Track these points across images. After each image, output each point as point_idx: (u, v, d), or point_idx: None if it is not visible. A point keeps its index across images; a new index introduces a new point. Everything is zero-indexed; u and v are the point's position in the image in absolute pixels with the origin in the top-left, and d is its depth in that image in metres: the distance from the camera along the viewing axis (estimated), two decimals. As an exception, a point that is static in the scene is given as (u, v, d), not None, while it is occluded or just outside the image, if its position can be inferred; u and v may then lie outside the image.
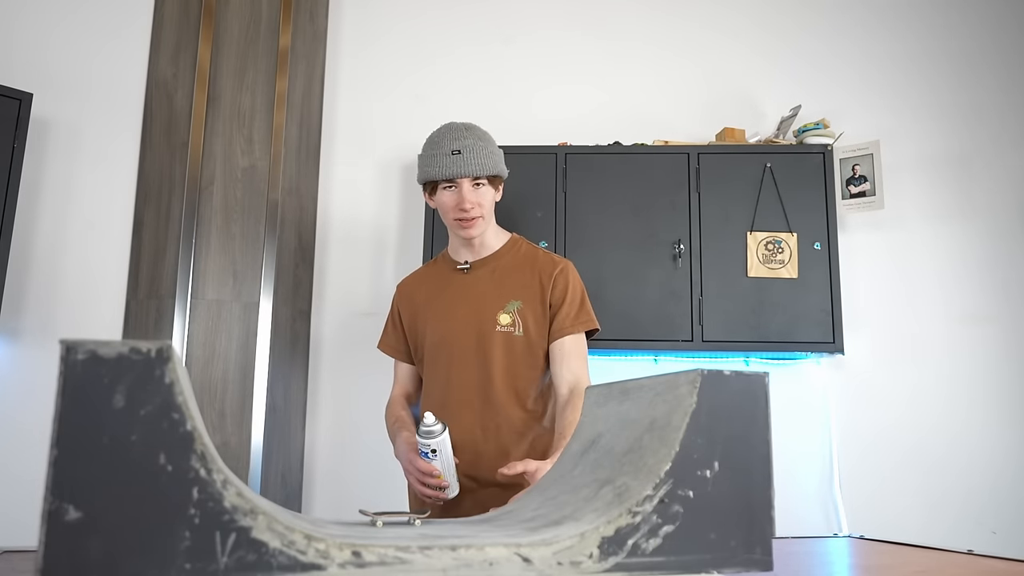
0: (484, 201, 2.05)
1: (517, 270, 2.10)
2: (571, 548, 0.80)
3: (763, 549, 0.82)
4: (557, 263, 2.09)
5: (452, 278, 2.14)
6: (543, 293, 2.04)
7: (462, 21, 3.73)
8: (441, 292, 2.13)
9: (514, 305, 2.03)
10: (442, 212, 2.09)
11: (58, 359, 0.63)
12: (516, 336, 2.01)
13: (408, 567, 0.74)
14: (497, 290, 2.06)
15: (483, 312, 2.04)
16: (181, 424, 0.66)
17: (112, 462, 0.63)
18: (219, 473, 0.68)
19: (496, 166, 2.06)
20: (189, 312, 3.23)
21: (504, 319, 2.01)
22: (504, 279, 2.08)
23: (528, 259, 2.12)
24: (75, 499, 0.62)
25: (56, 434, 0.61)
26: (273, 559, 0.69)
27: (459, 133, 2.03)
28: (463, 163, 1.99)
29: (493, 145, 2.08)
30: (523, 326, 2.01)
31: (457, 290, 2.11)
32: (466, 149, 1.99)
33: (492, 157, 2.05)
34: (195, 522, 0.66)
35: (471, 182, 2.01)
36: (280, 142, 3.39)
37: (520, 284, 2.07)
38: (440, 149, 2.02)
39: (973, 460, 3.36)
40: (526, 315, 2.02)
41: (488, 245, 2.14)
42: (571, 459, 1.00)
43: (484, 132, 2.09)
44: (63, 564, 0.61)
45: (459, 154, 1.99)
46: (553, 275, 2.05)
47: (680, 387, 0.84)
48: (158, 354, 0.66)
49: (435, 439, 1.82)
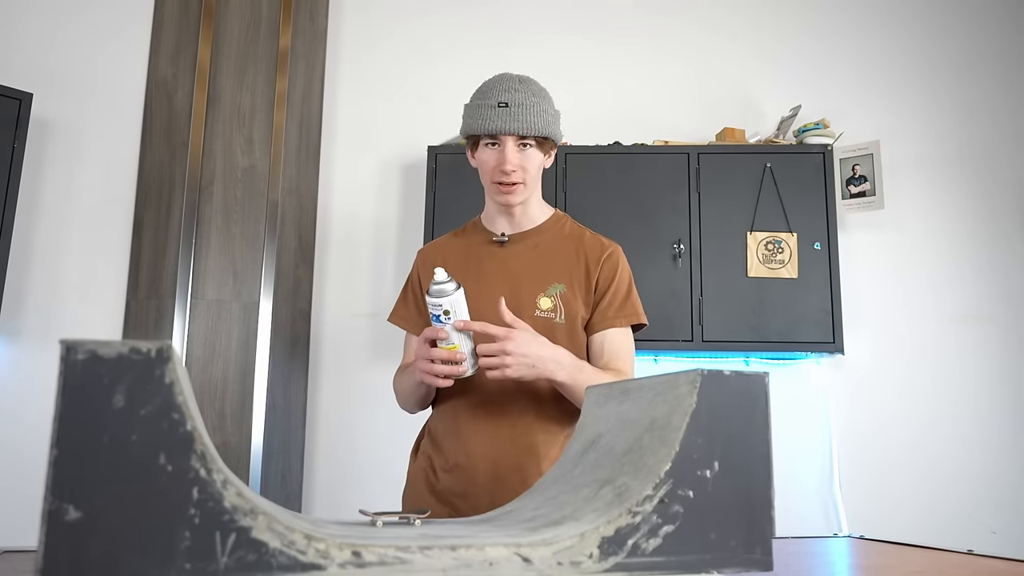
0: (529, 165, 1.77)
1: (561, 249, 1.84)
2: (571, 548, 0.80)
3: (763, 549, 0.82)
4: (606, 246, 1.85)
5: (486, 250, 1.86)
6: (588, 278, 1.80)
7: (463, 22, 3.73)
8: (472, 265, 1.85)
9: (557, 288, 1.78)
10: (481, 172, 1.83)
11: (58, 359, 0.63)
12: (557, 324, 1.76)
13: (408, 567, 0.74)
14: (538, 270, 1.81)
15: (521, 293, 1.78)
16: (181, 424, 0.66)
17: (112, 462, 0.63)
18: (219, 473, 0.68)
19: (548, 127, 1.77)
20: (189, 312, 3.24)
21: (545, 303, 1.77)
22: (546, 257, 1.83)
23: (574, 238, 1.87)
24: (75, 499, 0.62)
25: (56, 434, 0.61)
26: (273, 559, 0.69)
27: (511, 84, 1.77)
28: (509, 118, 1.72)
29: (549, 103, 1.80)
30: (565, 313, 1.77)
31: (492, 265, 1.84)
32: (515, 103, 1.73)
33: (544, 116, 1.77)
34: (195, 522, 0.66)
35: (516, 141, 1.74)
36: (280, 142, 3.40)
37: (564, 265, 1.81)
38: (487, 100, 1.75)
39: (973, 460, 3.36)
40: (569, 301, 1.78)
41: (531, 217, 1.88)
42: (571, 459, 1.00)
43: (541, 88, 1.81)
44: (63, 564, 0.61)
45: (506, 107, 1.73)
46: (601, 259, 1.82)
47: (680, 387, 0.84)
48: (158, 354, 0.66)
49: (447, 298, 1.56)
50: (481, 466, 1.73)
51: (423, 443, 1.90)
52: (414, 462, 1.89)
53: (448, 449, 1.79)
